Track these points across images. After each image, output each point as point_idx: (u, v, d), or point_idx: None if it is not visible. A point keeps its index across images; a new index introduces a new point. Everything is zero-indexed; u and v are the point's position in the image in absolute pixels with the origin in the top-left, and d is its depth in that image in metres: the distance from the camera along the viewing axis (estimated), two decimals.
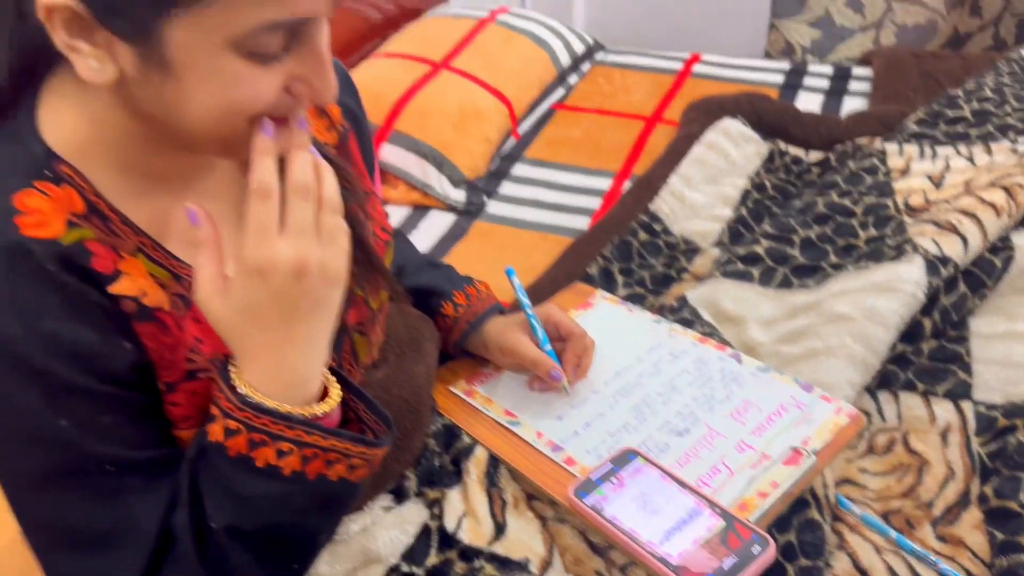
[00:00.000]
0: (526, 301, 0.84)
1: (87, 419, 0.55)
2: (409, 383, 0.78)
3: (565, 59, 1.81)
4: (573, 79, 1.83)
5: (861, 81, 1.73)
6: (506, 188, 1.51)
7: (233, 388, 0.55)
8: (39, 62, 0.56)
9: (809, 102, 1.67)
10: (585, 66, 1.89)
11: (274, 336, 0.54)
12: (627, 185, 1.44)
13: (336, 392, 0.59)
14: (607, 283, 1.15)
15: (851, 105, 1.66)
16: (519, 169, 1.55)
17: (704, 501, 0.67)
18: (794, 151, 1.45)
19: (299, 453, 0.55)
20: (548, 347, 0.82)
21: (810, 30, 2.52)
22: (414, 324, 0.84)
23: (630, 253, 1.22)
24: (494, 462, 0.77)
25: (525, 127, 1.67)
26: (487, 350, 0.86)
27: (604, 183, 1.48)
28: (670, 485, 0.69)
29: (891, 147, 1.30)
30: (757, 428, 0.76)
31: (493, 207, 1.46)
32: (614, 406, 0.81)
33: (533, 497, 0.76)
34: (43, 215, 0.53)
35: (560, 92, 1.79)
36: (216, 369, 0.58)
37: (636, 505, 0.67)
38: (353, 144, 0.76)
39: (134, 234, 0.57)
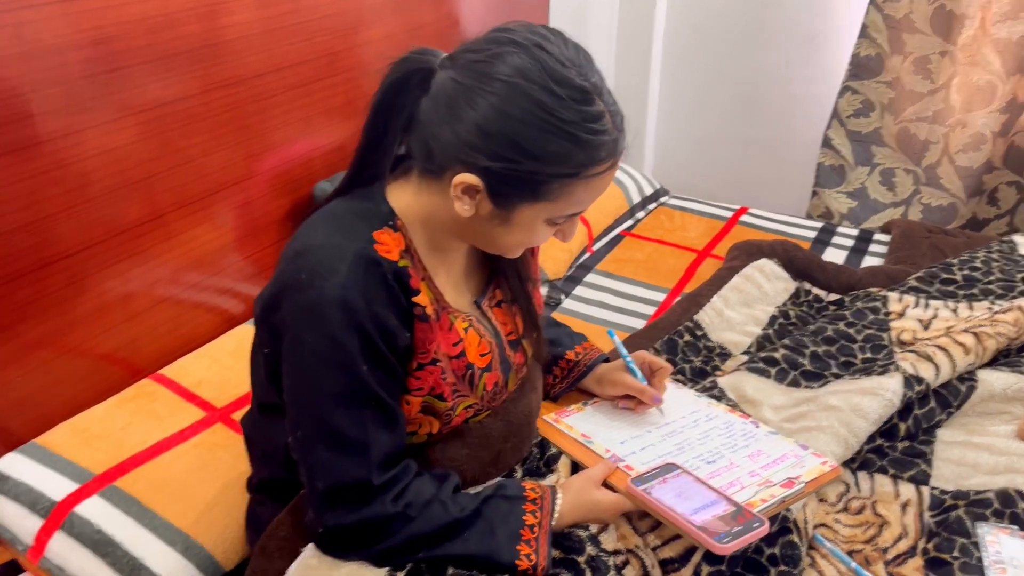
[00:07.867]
0: (625, 352, 1.16)
1: (376, 368, 0.84)
2: (527, 406, 1.09)
3: (636, 197, 2.20)
4: (641, 214, 2.22)
5: (880, 245, 2.04)
6: (579, 291, 1.86)
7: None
8: (393, 162, 0.90)
9: (834, 256, 1.99)
10: (652, 205, 2.27)
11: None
12: (677, 300, 1.78)
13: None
14: None
15: (869, 263, 1.97)
16: (591, 277, 1.91)
17: (722, 496, 0.95)
18: (816, 291, 1.78)
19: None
20: (645, 382, 1.14)
21: (848, 200, 2.83)
22: (533, 369, 1.15)
23: (676, 349, 1.54)
24: (575, 466, 1.08)
25: (598, 246, 2.04)
26: (599, 385, 1.18)
27: (659, 296, 1.82)
28: (699, 485, 0.97)
29: (892, 295, 1.62)
30: (765, 466, 1.05)
31: (568, 303, 1.80)
32: (662, 442, 1.10)
33: None
34: (388, 246, 0.86)
35: (629, 223, 2.17)
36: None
37: (674, 493, 0.95)
38: (536, 250, 1.13)
39: (424, 271, 0.91)
